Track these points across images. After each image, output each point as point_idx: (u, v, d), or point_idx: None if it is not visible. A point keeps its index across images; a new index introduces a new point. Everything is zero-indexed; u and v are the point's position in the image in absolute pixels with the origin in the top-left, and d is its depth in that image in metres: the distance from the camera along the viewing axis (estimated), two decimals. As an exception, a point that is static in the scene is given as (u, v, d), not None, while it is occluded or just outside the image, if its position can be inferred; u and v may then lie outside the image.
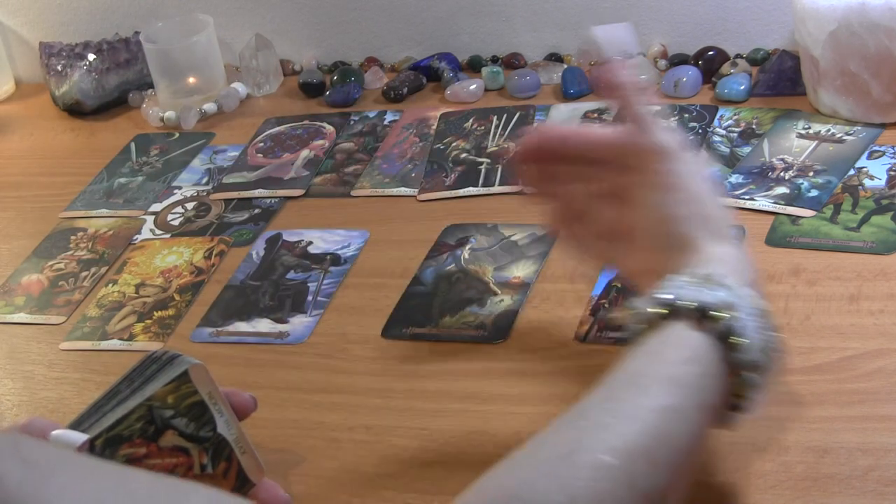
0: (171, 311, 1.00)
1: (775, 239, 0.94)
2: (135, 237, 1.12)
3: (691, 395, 0.61)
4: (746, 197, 1.00)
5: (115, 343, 0.97)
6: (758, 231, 0.95)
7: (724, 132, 1.11)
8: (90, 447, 0.66)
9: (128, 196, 1.20)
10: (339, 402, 0.85)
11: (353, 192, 1.13)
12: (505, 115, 1.21)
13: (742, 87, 1.16)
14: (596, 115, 1.18)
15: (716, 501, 0.71)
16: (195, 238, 1.10)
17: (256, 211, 1.13)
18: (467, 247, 1.01)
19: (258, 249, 1.06)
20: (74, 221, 1.17)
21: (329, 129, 1.25)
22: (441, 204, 1.09)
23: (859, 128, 1.06)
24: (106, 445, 0.67)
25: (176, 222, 1.14)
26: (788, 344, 0.82)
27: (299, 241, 1.06)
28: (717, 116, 1.13)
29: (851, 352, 0.81)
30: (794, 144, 1.06)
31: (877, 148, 1.03)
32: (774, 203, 0.98)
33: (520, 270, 0.96)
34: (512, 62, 1.32)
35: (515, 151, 0.78)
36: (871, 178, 0.99)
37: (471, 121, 1.21)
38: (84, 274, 1.07)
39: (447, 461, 0.78)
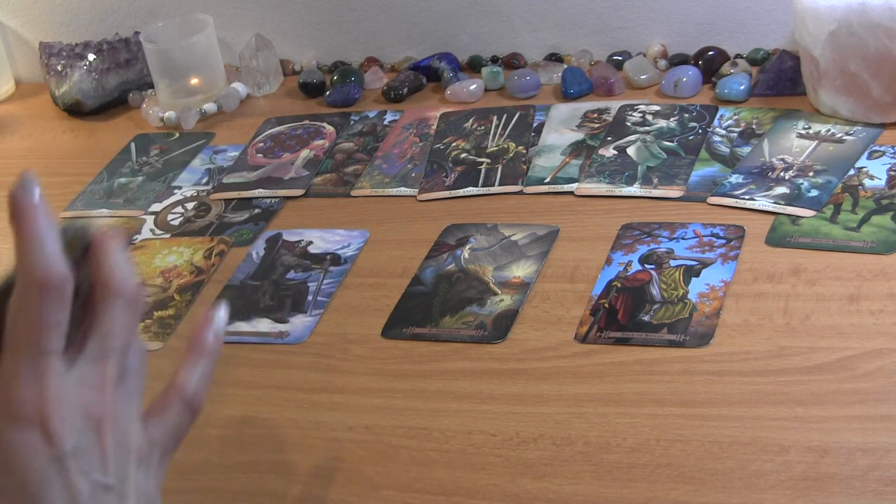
0: (171, 311, 1.00)
1: (775, 239, 0.94)
2: (135, 237, 1.12)
3: None
4: (746, 197, 1.00)
5: (115, 343, 0.97)
6: (758, 231, 0.95)
7: (724, 132, 1.11)
8: None
9: (128, 196, 1.20)
10: (339, 402, 0.85)
11: (353, 192, 1.13)
12: (505, 115, 1.21)
13: (742, 87, 1.16)
14: (596, 114, 1.18)
15: (716, 501, 0.71)
16: (195, 238, 1.10)
17: (256, 211, 1.13)
18: (467, 247, 1.01)
19: (258, 249, 1.06)
20: (74, 221, 1.17)
21: (329, 129, 1.25)
22: (441, 204, 1.09)
23: (859, 128, 1.06)
24: None
25: (176, 222, 1.14)
26: (788, 344, 0.82)
27: (299, 241, 1.06)
28: (717, 116, 1.13)
29: (851, 352, 0.81)
30: (794, 144, 1.06)
31: (877, 148, 1.03)
32: (774, 203, 0.98)
33: (520, 270, 0.96)
34: (512, 62, 1.32)
35: None
36: (871, 178, 0.99)
37: (471, 121, 1.21)
38: (84, 274, 1.07)
39: (447, 461, 0.78)
